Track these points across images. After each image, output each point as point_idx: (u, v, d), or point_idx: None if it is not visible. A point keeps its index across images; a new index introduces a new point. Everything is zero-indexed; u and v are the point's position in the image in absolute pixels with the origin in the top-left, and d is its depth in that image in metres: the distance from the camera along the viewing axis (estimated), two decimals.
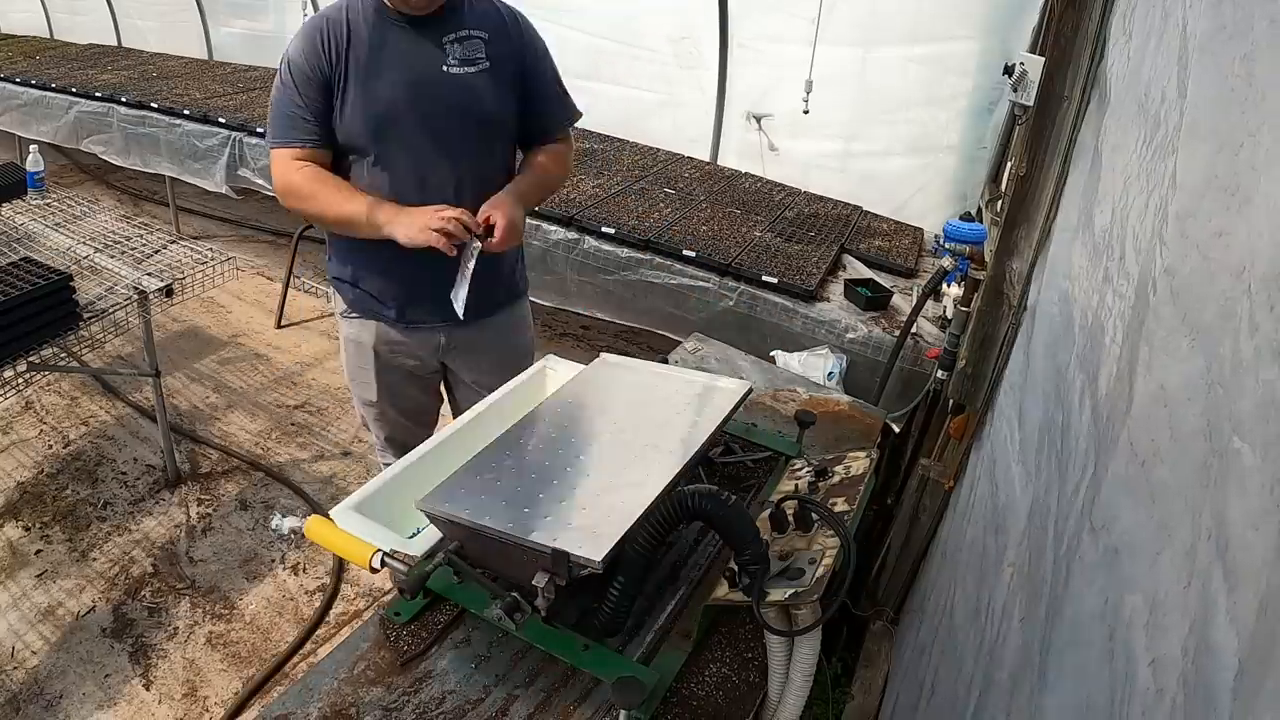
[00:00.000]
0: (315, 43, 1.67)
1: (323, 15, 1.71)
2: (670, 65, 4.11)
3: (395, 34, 1.68)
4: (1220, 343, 0.65)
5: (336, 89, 1.68)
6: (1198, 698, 0.56)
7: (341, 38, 1.67)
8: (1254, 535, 0.53)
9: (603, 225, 3.17)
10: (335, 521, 1.27)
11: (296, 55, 1.68)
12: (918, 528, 2.18)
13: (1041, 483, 1.16)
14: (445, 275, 1.70)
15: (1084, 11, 1.58)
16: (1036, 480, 1.19)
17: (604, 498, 1.12)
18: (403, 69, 1.68)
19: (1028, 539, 1.16)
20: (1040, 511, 1.13)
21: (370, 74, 1.67)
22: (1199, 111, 0.85)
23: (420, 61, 1.69)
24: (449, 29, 1.70)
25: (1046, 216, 1.57)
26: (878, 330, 2.68)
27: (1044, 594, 1.01)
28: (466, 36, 1.71)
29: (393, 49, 1.68)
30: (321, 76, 1.67)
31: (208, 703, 2.20)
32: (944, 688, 1.45)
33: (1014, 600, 1.15)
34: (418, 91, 1.68)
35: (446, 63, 1.69)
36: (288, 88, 1.69)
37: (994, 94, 3.27)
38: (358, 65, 1.67)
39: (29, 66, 5.56)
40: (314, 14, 1.66)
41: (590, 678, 1.07)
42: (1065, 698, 0.85)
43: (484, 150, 1.79)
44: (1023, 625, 1.07)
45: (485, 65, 1.72)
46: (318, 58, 1.67)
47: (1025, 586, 1.11)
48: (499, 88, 1.75)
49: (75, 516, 2.80)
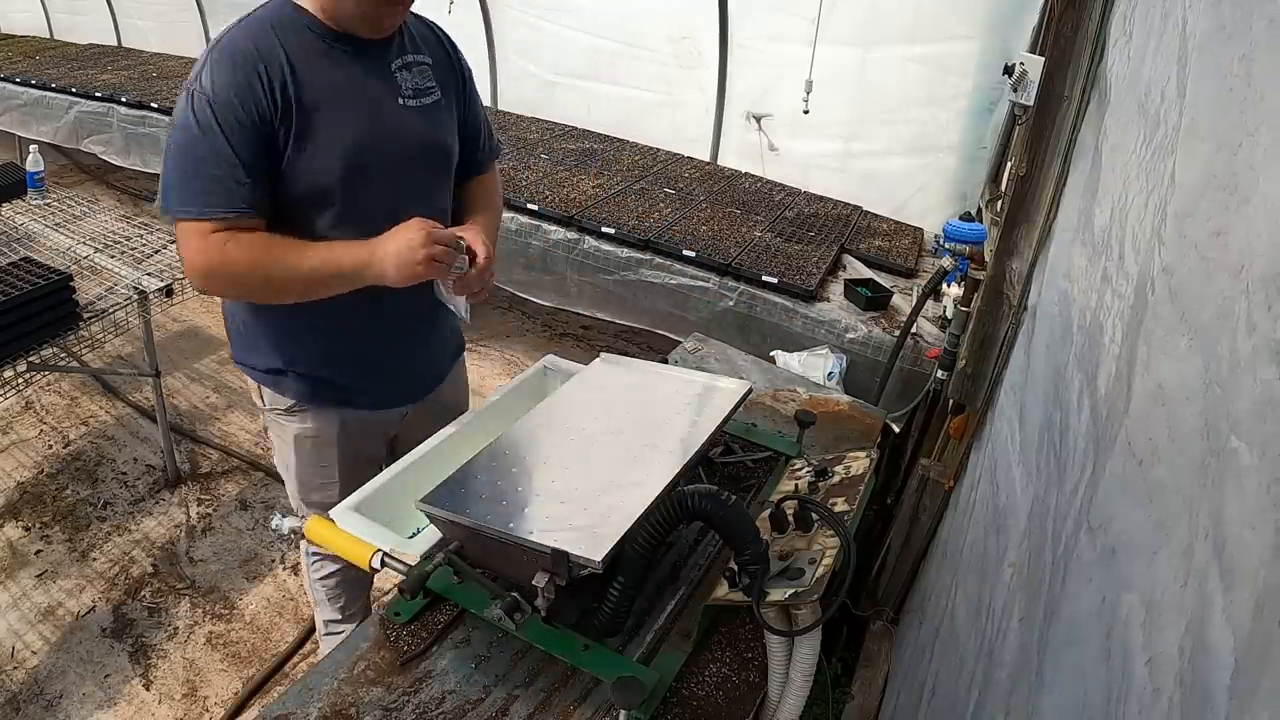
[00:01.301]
0: (253, 81, 1.31)
1: (250, 45, 1.34)
2: (670, 65, 4.12)
3: (343, 64, 1.40)
4: (1218, 342, 0.65)
5: (284, 138, 1.35)
6: (1194, 696, 0.56)
7: (285, 74, 1.33)
8: (1251, 534, 0.53)
9: (603, 225, 3.18)
10: (335, 521, 1.27)
11: (225, 95, 1.30)
12: (918, 528, 2.18)
13: (1041, 482, 1.16)
14: (408, 345, 1.59)
15: (1084, 11, 1.58)
16: (1036, 480, 1.19)
17: (604, 498, 1.13)
18: (361, 104, 1.42)
19: (1028, 539, 1.16)
20: (1039, 511, 1.13)
21: (329, 113, 1.37)
22: (1198, 111, 0.85)
23: (375, 94, 1.44)
24: (395, 54, 1.47)
25: (1046, 216, 1.57)
26: (878, 330, 2.68)
27: (1042, 593, 1.01)
28: (415, 63, 1.49)
29: (346, 82, 1.41)
30: (263, 123, 1.32)
31: (208, 703, 2.20)
32: (945, 688, 1.46)
33: (1014, 600, 1.15)
34: (382, 128, 1.43)
35: (401, 94, 1.46)
36: (211, 137, 1.30)
37: (994, 94, 3.27)
38: (313, 105, 1.35)
39: (29, 66, 5.56)
40: (230, 41, 1.35)
41: (590, 678, 1.07)
42: (1063, 697, 0.85)
43: (442, 189, 1.59)
44: (1022, 625, 1.07)
45: (437, 95, 1.52)
46: (257, 99, 1.31)
47: (1025, 586, 1.11)
48: (450, 120, 1.57)
49: (75, 516, 2.80)
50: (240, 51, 1.33)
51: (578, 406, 1.42)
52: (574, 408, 1.41)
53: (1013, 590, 1.18)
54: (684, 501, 1.06)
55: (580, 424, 1.35)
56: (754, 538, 1.05)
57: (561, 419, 1.37)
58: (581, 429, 1.34)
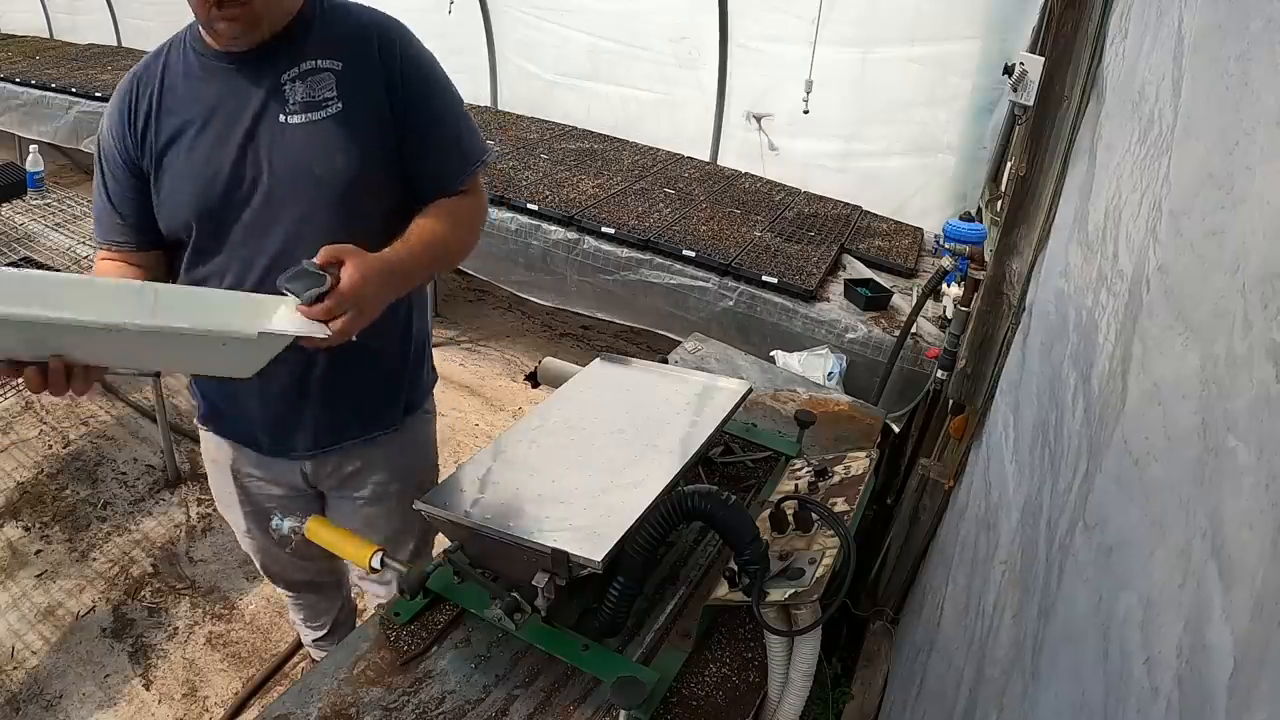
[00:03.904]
0: (123, 110, 1.28)
1: (134, 75, 1.30)
2: (670, 65, 4.12)
3: (218, 82, 1.26)
4: (1214, 341, 0.65)
5: (149, 167, 1.28)
6: (1194, 696, 0.56)
7: (152, 97, 1.26)
8: (1249, 533, 0.53)
9: (603, 225, 3.18)
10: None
11: (105, 131, 1.31)
12: (918, 528, 2.18)
13: (1034, 480, 1.16)
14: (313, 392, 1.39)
15: (1084, 11, 1.58)
16: (1030, 478, 1.19)
17: (604, 498, 1.13)
18: (228, 126, 1.25)
19: (1020, 536, 1.16)
20: (1032, 509, 1.13)
21: (186, 139, 1.26)
22: (1194, 110, 0.85)
23: (250, 113, 1.25)
24: (287, 63, 1.26)
25: (1046, 217, 1.57)
26: (878, 330, 2.68)
27: (1036, 591, 1.01)
28: (312, 70, 1.26)
29: (213, 102, 1.26)
30: (130, 154, 1.28)
31: (208, 703, 2.20)
32: (933, 684, 1.46)
33: (1005, 597, 1.15)
34: (249, 154, 1.25)
35: (286, 109, 1.25)
36: (97, 173, 1.33)
37: (994, 94, 3.27)
38: (172, 130, 1.26)
39: (29, 66, 5.56)
40: (131, 72, 1.33)
41: (590, 678, 1.07)
42: (1059, 695, 0.85)
43: (344, 224, 1.27)
44: (1014, 621, 1.07)
45: (335, 108, 1.26)
46: (123, 129, 1.27)
47: (1017, 583, 1.11)
48: (356, 135, 1.27)
49: (75, 516, 2.80)
50: (123, 86, 1.31)
51: (578, 406, 1.42)
52: (574, 408, 1.41)
53: (1004, 587, 1.18)
54: (684, 501, 1.06)
55: (580, 424, 1.35)
56: (754, 538, 1.05)
57: (561, 419, 1.37)
58: (581, 429, 1.34)
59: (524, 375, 2.32)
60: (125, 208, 1.32)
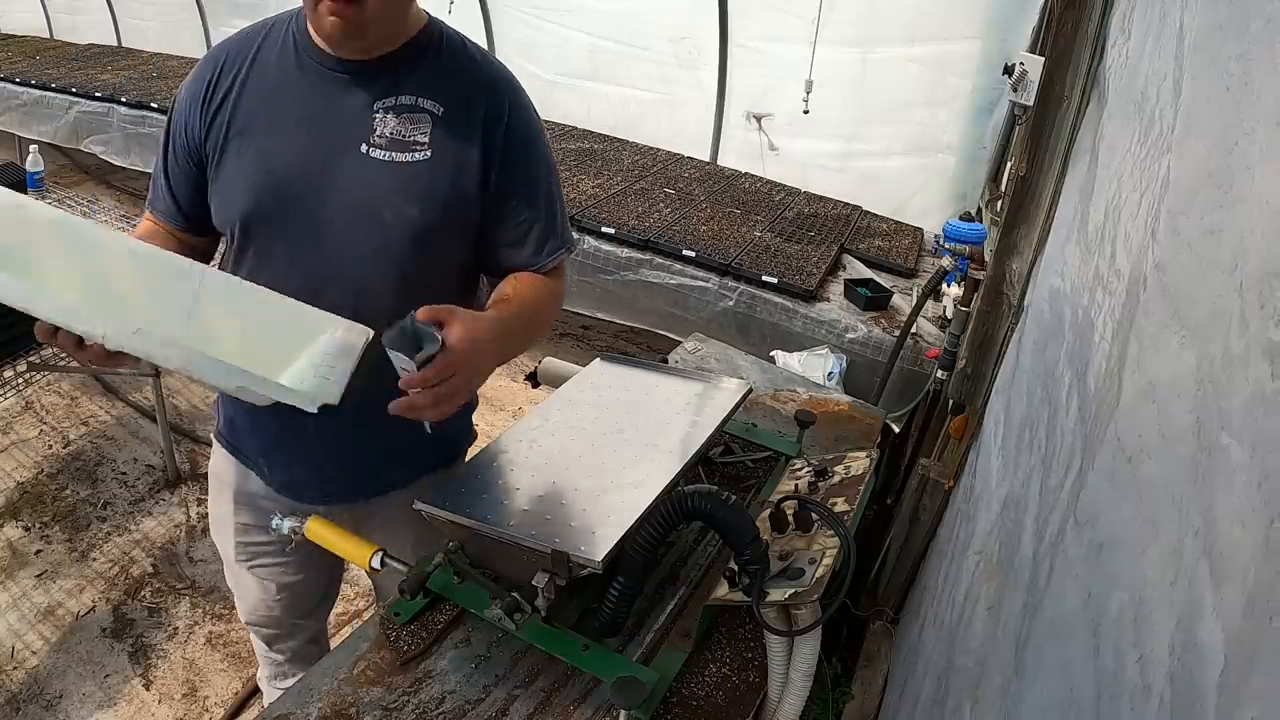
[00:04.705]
0: (203, 83, 1.18)
1: (228, 44, 1.22)
2: (670, 65, 4.12)
3: (310, 82, 1.16)
4: (1211, 340, 0.65)
5: (213, 149, 1.18)
6: (1185, 694, 0.56)
7: (237, 76, 1.17)
8: (1241, 531, 0.54)
9: (603, 225, 3.18)
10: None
11: (181, 101, 1.21)
12: (918, 528, 2.18)
13: (1020, 475, 1.16)
14: (320, 435, 1.22)
15: (1084, 11, 1.59)
16: (1014, 473, 1.20)
17: (604, 498, 1.13)
18: (304, 134, 1.15)
19: (999, 529, 1.16)
20: (1016, 503, 1.13)
21: (257, 132, 1.16)
22: (1194, 110, 0.85)
23: (332, 129, 1.14)
24: (385, 90, 1.15)
25: (1046, 217, 1.57)
26: (878, 330, 2.69)
27: (1020, 586, 1.01)
28: (410, 107, 1.15)
29: (297, 101, 1.16)
30: (195, 138, 1.19)
31: (208, 703, 2.21)
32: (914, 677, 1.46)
33: (979, 588, 1.15)
34: (316, 175, 1.14)
35: (371, 140, 1.14)
36: (163, 140, 1.24)
37: (994, 94, 3.28)
38: (246, 116, 1.16)
39: (29, 66, 5.57)
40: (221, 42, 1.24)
41: (590, 678, 1.07)
42: (1046, 691, 0.85)
43: (400, 274, 1.18)
44: (990, 614, 1.07)
45: (423, 154, 1.15)
46: (197, 106, 1.18)
47: (994, 575, 1.11)
48: (436, 189, 1.16)
49: (75, 516, 2.81)
50: (211, 58, 1.21)
51: (577, 407, 1.42)
52: (574, 408, 1.41)
53: (977, 577, 1.18)
54: (684, 501, 1.06)
55: (580, 424, 1.35)
56: (754, 538, 1.06)
57: (561, 419, 1.37)
58: (581, 429, 1.34)
59: (524, 375, 2.32)
60: (180, 191, 1.23)
